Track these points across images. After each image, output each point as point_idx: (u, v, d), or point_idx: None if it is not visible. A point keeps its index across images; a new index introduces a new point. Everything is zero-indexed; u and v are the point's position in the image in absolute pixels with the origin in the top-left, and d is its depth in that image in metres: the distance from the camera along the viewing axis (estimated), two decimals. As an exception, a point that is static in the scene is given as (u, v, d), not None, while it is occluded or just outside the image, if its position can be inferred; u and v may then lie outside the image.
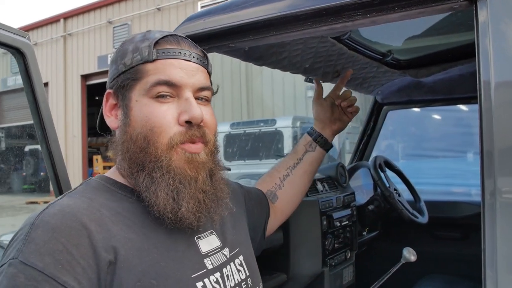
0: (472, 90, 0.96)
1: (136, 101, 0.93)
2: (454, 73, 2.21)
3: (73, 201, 0.86)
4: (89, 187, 0.94)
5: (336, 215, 1.94)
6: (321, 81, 1.74)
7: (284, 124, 9.58)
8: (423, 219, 2.35)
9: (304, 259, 1.84)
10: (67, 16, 17.53)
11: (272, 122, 9.77)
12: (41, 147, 1.38)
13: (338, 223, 1.94)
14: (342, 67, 1.88)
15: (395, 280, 1.79)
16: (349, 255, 2.08)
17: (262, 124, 9.88)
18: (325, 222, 1.88)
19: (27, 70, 1.33)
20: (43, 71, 17.55)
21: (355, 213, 2.12)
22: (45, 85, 17.66)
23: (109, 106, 1.00)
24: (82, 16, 17.16)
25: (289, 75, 1.87)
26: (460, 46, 2.00)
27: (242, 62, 1.61)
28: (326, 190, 2.05)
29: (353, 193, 2.17)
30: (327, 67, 1.83)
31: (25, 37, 1.33)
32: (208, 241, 1.00)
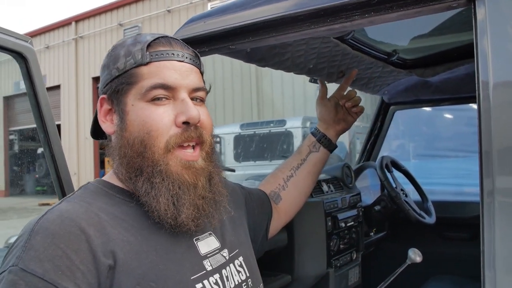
0: None
1: (132, 105, 0.93)
2: (461, 72, 2.18)
3: (72, 206, 0.87)
4: (87, 192, 0.94)
5: (341, 216, 1.93)
6: (326, 82, 1.73)
7: (294, 125, 9.52)
8: (431, 220, 2.32)
9: (309, 260, 1.83)
10: (79, 19, 17.66)
11: (282, 123, 9.72)
12: (44, 151, 1.39)
13: (343, 224, 1.93)
14: (347, 68, 1.87)
15: (403, 281, 1.77)
16: (355, 256, 2.07)
17: (272, 125, 9.82)
18: (330, 223, 1.87)
19: (30, 75, 1.34)
20: (55, 74, 17.88)
21: (361, 214, 2.11)
22: (57, 88, 17.77)
23: (104, 112, 0.99)
24: (93, 19, 17.28)
25: (299, 76, 1.86)
26: (466, 45, 1.97)
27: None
28: (332, 191, 2.04)
29: (359, 194, 2.16)
30: (332, 68, 1.83)
31: (28, 42, 1.34)
32: (207, 243, 1.00)
